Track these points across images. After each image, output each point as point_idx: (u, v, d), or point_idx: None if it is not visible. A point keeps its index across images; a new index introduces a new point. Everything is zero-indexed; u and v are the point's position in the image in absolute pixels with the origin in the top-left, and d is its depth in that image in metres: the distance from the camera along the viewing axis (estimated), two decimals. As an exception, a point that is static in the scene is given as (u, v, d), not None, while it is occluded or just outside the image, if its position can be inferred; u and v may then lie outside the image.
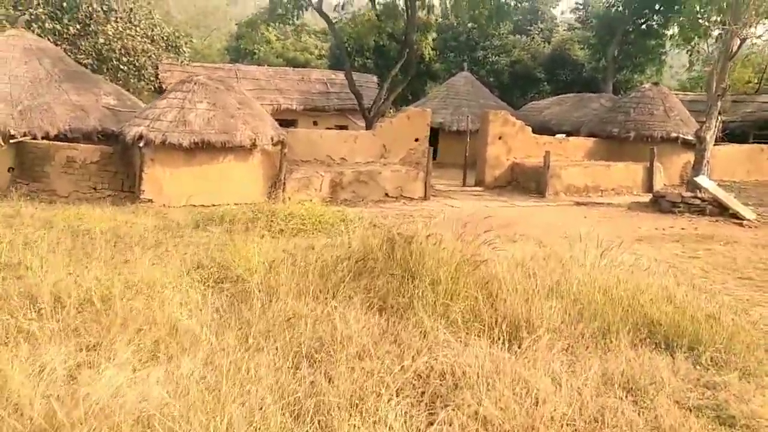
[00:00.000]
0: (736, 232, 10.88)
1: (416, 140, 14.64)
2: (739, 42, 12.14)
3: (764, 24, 12.39)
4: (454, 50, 31.95)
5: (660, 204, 12.91)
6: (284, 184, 12.04)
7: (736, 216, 12.05)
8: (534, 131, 16.27)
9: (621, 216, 12.24)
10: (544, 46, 32.22)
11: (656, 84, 17.51)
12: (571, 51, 31.01)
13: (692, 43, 12.49)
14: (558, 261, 6.51)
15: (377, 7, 18.29)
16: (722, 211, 12.31)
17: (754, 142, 20.56)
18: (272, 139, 11.73)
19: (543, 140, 16.02)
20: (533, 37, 32.76)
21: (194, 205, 10.97)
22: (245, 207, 10.10)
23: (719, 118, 13.08)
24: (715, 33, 13.03)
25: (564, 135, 17.87)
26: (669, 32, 28.35)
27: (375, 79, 28.68)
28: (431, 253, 5.62)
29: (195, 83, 11.65)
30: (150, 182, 10.96)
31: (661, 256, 8.47)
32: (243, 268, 5.26)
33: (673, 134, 16.06)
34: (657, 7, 26.63)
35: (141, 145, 10.77)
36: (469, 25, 30.62)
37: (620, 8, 27.06)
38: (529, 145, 15.74)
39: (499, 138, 15.44)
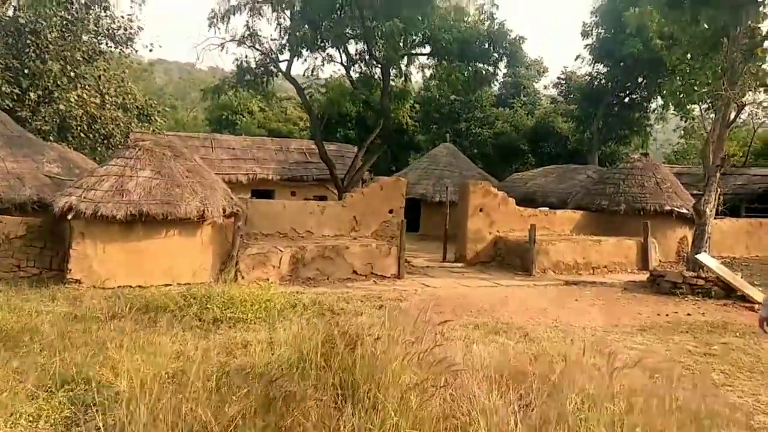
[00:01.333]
0: (751, 318, 9.52)
1: (390, 212, 13.42)
2: (737, 108, 11.30)
3: (761, 90, 11.58)
4: (437, 122, 31.54)
5: (659, 284, 11.61)
6: (237, 261, 10.64)
7: (744, 299, 10.75)
8: (518, 203, 15.19)
9: (617, 298, 10.89)
10: (528, 119, 31.93)
11: (646, 155, 16.67)
12: (555, 123, 30.70)
13: (685, 109, 11.58)
14: (551, 367, 5.06)
15: (351, 74, 17.62)
16: (729, 293, 11.02)
17: (746, 216, 19.63)
18: (224, 210, 10.44)
19: (528, 213, 14.89)
20: (516, 110, 32.53)
21: (131, 287, 9.51)
22: (183, 289, 8.65)
23: (719, 190, 12.04)
24: (707, 101, 12.19)
25: (547, 208, 16.78)
26: (653, 105, 28.25)
27: (356, 149, 27.98)
28: (381, 362, 4.20)
29: (140, 149, 10.45)
30: (78, 260, 9.52)
31: (673, 353, 7.07)
32: (112, 391, 3.79)
33: (667, 207, 15.01)
34: (640, 80, 26.49)
35: (70, 217, 9.42)
36: (452, 97, 30.43)
37: (603, 81, 26.87)
38: (512, 217, 14.58)
39: (480, 210, 14.28)
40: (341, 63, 17.17)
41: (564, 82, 35.68)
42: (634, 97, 27.05)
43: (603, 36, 25.09)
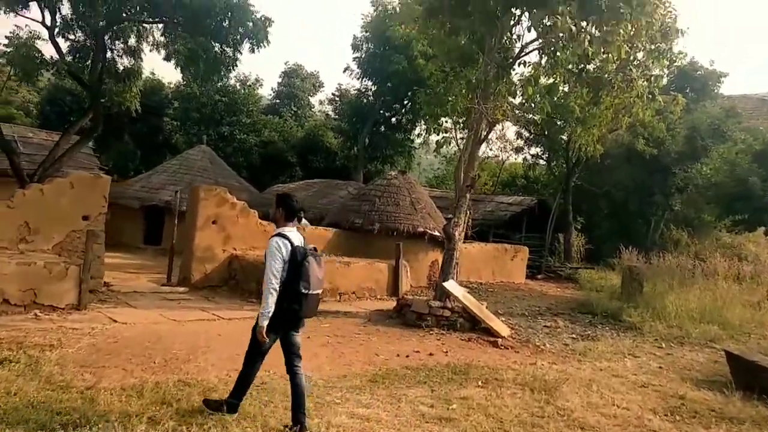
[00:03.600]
0: (494, 357, 8.51)
1: (86, 219, 10.10)
2: (488, 125, 10.62)
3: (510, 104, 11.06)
4: (198, 123, 28.12)
5: (405, 315, 10.29)
6: None
7: (489, 331, 9.90)
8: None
9: (356, 333, 9.18)
10: (298, 130, 30.30)
11: (403, 172, 15.82)
12: (325, 138, 29.54)
13: (438, 122, 10.58)
14: None
15: (59, 41, 13.65)
16: (474, 324, 10.10)
17: (493, 241, 20.25)
18: None
19: (272, 228, 12.73)
20: (286, 119, 30.70)
21: None
22: None
23: (468, 213, 11.27)
24: (460, 117, 11.43)
25: (307, 222, 14.90)
26: (417, 129, 28.70)
27: (90, 143, 23.29)
28: None
29: None
30: None
31: (402, 421, 5.32)
32: None
33: (420, 229, 14.15)
34: (405, 102, 26.60)
35: None
36: (216, 96, 27.47)
37: (371, 98, 26.43)
38: (254, 233, 12.29)
39: (214, 222, 11.71)
40: (43, 23, 13.18)
41: (338, 98, 35.09)
42: (399, 118, 27.10)
43: (372, 51, 24.59)
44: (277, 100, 35.84)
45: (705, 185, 23.51)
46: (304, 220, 15.02)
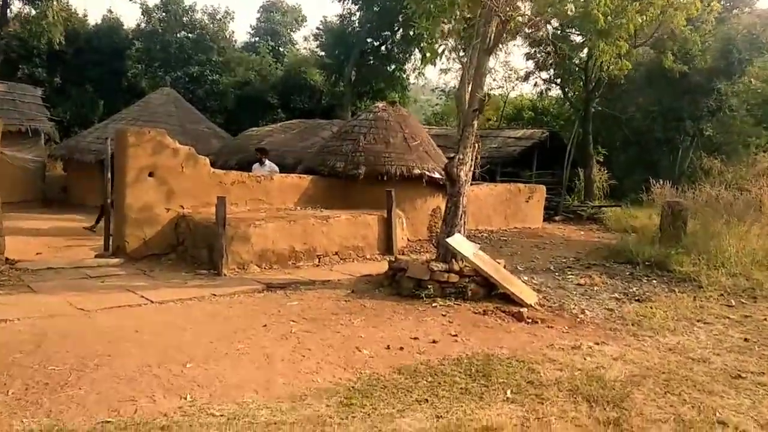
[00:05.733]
0: (521, 338, 6.14)
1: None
2: (499, 27, 7.89)
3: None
4: (164, 64, 25.10)
5: (399, 283, 7.88)
6: None
7: (508, 298, 7.54)
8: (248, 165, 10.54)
9: (333, 314, 6.78)
10: (277, 68, 27.24)
11: (393, 103, 13.06)
12: (308, 75, 26.52)
13: (437, 27, 7.84)
14: None
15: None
16: (490, 290, 7.73)
17: (501, 182, 17.73)
18: None
19: (231, 178, 10.21)
20: (263, 56, 27.57)
21: None
22: None
23: (477, 147, 8.68)
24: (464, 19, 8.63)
25: (274, 166, 12.38)
26: (410, 62, 25.65)
27: (39, 91, 20.54)
28: None
29: None
30: None
31: None
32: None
33: (416, 171, 11.59)
34: (396, 28, 23.48)
35: None
36: (182, 33, 24.39)
37: (356, 25, 23.29)
38: (206, 186, 9.76)
39: (151, 174, 9.16)
40: None
41: (322, 33, 31.76)
42: (390, 46, 24.01)
43: (356, -32, 21.37)
44: (256, 38, 32.53)
45: (743, 105, 20.68)
46: (268, 164, 12.50)
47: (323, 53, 27.26)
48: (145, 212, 9.07)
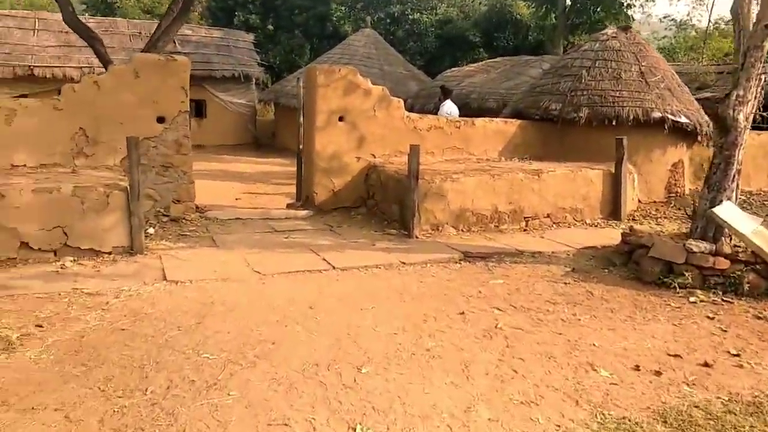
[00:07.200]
0: None
1: (161, 121, 7.33)
2: None
3: None
4: (366, 5, 24.52)
5: (640, 265, 5.93)
6: None
7: (808, 298, 5.20)
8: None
9: (550, 303, 5.16)
10: (480, 2, 25.07)
11: (626, 29, 10.46)
12: (514, 9, 23.96)
13: None
14: None
15: None
16: (776, 284, 5.45)
17: (756, 127, 13.91)
18: None
19: (425, 123, 8.89)
20: (465, -11, 25.60)
21: None
22: None
23: (762, 79, 6.15)
24: None
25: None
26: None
27: (251, 37, 21.37)
28: None
29: None
30: None
31: None
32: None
33: (656, 114, 9.11)
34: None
35: None
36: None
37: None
38: (399, 132, 8.59)
39: (341, 119, 8.23)
40: None
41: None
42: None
43: None
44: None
45: None
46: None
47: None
48: (334, 161, 8.22)
